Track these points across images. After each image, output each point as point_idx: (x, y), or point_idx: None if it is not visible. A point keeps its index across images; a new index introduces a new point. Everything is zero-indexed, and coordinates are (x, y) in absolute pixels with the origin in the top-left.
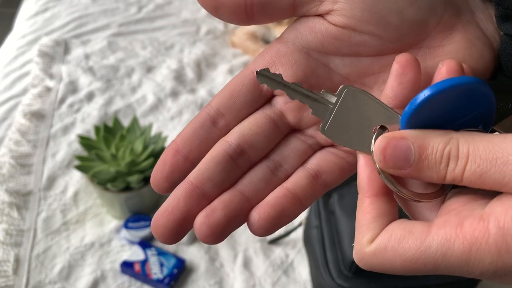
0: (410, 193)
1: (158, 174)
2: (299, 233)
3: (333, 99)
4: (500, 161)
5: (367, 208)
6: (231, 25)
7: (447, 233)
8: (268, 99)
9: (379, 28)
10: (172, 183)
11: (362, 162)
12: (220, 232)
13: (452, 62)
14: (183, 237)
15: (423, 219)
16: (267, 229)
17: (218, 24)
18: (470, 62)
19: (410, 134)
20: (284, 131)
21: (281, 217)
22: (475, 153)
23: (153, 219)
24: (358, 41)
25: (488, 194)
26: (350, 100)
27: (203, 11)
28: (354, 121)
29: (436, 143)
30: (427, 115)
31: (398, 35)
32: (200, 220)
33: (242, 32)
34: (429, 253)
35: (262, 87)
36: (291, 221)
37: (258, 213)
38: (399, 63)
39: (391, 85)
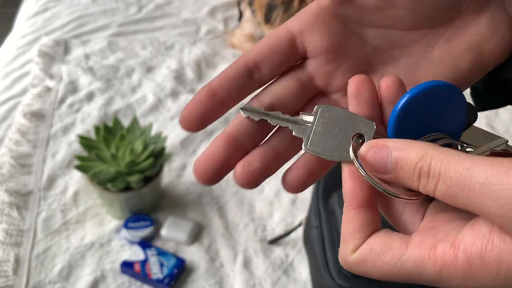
0: (392, 190)
1: (191, 111)
2: (299, 233)
3: (311, 119)
4: (467, 188)
5: (351, 219)
6: (231, 26)
7: (422, 253)
8: (300, 59)
9: (416, 4)
10: (203, 122)
11: (346, 174)
12: (256, 180)
13: (391, 79)
14: (220, 180)
15: (405, 226)
16: (298, 188)
17: (218, 24)
18: (491, 45)
19: (391, 143)
20: (312, 94)
21: (309, 177)
22: (446, 174)
23: (196, 163)
24: (393, 15)
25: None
26: (326, 116)
27: (203, 11)
28: (332, 135)
29: (411, 157)
30: (410, 119)
31: (432, 13)
32: (239, 169)
33: (241, 33)
34: (404, 270)
35: (297, 46)
36: (318, 180)
37: (291, 174)
38: (353, 84)
39: (351, 106)
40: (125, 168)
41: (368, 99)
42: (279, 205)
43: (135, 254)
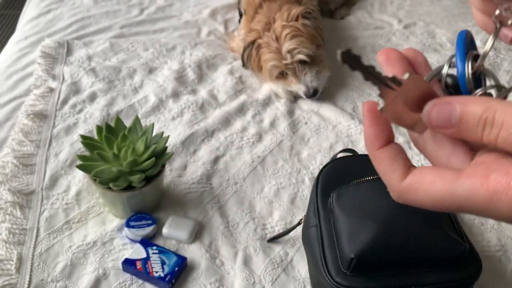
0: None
1: None
2: (298, 232)
3: (399, 84)
4: None
5: (380, 158)
6: (231, 27)
7: (474, 182)
8: None
9: None
10: None
11: (367, 119)
12: None
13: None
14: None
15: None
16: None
17: (219, 26)
18: None
19: (455, 99)
20: None
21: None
22: (509, 122)
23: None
24: None
25: None
26: (411, 85)
27: (204, 13)
28: (409, 104)
29: (476, 109)
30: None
31: None
32: None
33: (239, 38)
34: (455, 197)
35: None
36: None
37: None
38: (382, 54)
39: (386, 69)
40: (127, 168)
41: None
42: (278, 204)
43: (137, 252)
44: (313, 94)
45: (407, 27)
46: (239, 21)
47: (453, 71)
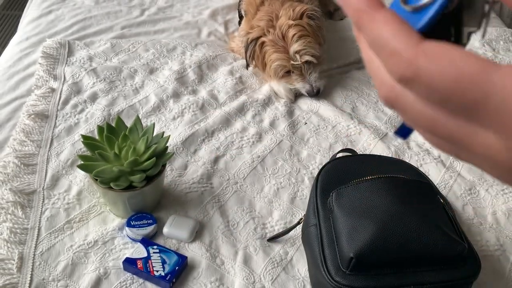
0: None
1: None
2: (298, 231)
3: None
4: None
5: (386, 17)
6: (231, 28)
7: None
8: None
9: None
10: None
11: None
12: None
13: None
14: None
15: None
16: None
17: (219, 27)
18: None
19: None
20: None
21: None
22: None
23: None
24: None
25: None
26: None
27: (204, 14)
28: None
29: None
30: None
31: None
32: None
33: (239, 39)
34: (489, 82)
35: None
36: None
37: None
38: None
39: None
40: (128, 168)
41: None
42: (278, 204)
43: (138, 251)
44: (317, 93)
45: None
46: (239, 22)
47: None
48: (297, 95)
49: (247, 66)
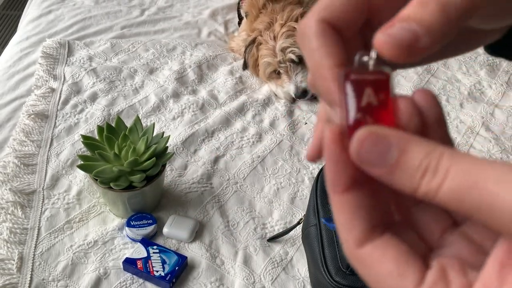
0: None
1: None
2: (298, 231)
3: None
4: (480, 185)
5: (340, 205)
6: (231, 28)
7: None
8: None
9: None
10: None
11: (328, 150)
12: None
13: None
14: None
15: None
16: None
17: (219, 27)
18: None
19: (394, 134)
20: None
21: None
22: (456, 171)
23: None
24: None
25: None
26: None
27: (204, 14)
28: None
29: (418, 151)
30: None
31: None
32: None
33: (239, 39)
34: None
35: None
36: None
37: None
38: None
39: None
40: (128, 168)
41: None
42: (278, 204)
43: (138, 251)
44: (302, 95)
45: None
46: (239, 23)
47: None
48: (294, 98)
49: (244, 66)
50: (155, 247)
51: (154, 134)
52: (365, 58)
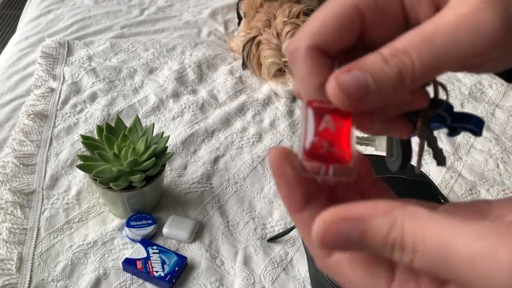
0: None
1: None
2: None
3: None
4: (450, 263)
5: (301, 222)
6: (231, 28)
7: None
8: None
9: None
10: None
11: (276, 175)
12: None
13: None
14: None
15: None
16: None
17: (219, 26)
18: None
19: (352, 215)
20: None
21: None
22: (423, 247)
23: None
24: None
25: None
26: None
27: (204, 14)
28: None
29: (380, 228)
30: None
31: None
32: None
33: (238, 39)
34: None
35: None
36: None
37: None
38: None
39: None
40: (127, 168)
41: None
42: (278, 204)
43: (137, 252)
44: None
45: None
46: (238, 24)
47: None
48: (295, 97)
49: (243, 66)
50: (154, 247)
51: (154, 134)
52: None
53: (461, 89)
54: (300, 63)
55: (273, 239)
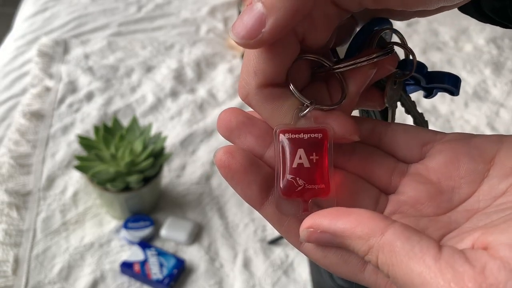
0: None
1: None
2: None
3: None
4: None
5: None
6: (230, 25)
7: None
8: None
9: None
10: None
11: (227, 177)
12: None
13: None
14: None
15: None
16: None
17: (218, 24)
18: None
19: (331, 230)
20: None
21: None
22: (393, 279)
23: None
24: None
25: None
26: None
27: (203, 11)
28: None
29: (358, 247)
30: None
31: None
32: None
33: None
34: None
35: None
36: None
37: None
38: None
39: None
40: (125, 168)
41: None
42: None
43: (135, 254)
44: None
45: (409, 25)
46: None
47: None
48: None
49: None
50: (152, 249)
51: (152, 134)
52: (305, 112)
53: (465, 88)
54: (259, 106)
55: (274, 242)
